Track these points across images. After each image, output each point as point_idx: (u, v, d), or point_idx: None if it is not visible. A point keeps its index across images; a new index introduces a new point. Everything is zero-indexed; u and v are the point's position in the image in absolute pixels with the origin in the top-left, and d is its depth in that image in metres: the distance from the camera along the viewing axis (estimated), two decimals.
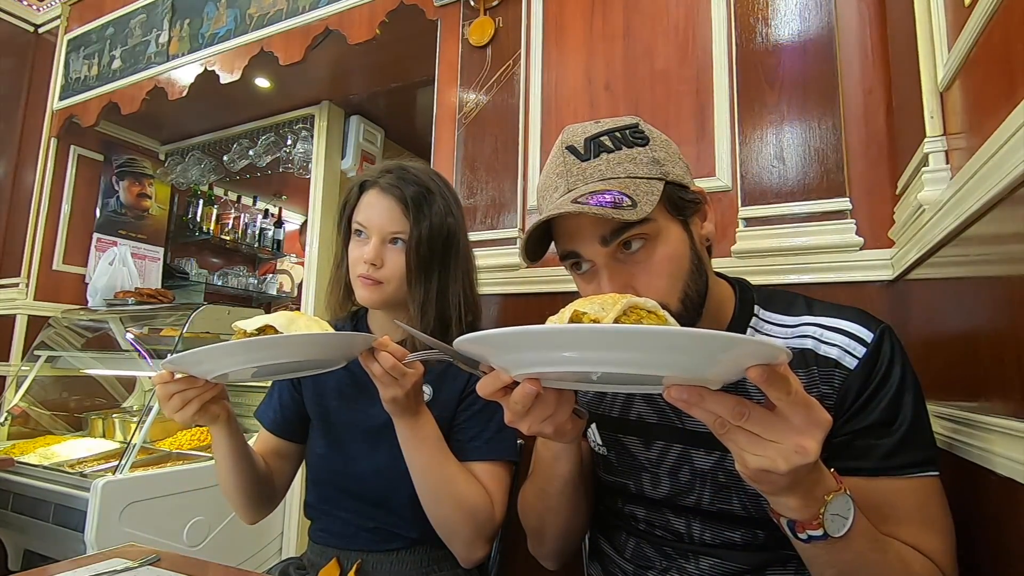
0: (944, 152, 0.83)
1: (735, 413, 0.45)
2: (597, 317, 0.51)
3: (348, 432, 1.02)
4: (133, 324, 2.33)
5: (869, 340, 0.66)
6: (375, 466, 0.98)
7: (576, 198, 0.63)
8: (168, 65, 2.35)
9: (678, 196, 0.68)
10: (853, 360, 0.66)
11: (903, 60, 0.99)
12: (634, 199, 0.62)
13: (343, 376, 1.05)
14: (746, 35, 1.25)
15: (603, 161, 0.67)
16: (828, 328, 0.69)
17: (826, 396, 0.67)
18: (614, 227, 0.65)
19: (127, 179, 2.95)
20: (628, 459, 0.80)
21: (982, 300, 0.69)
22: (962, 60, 0.73)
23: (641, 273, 0.66)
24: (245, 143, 2.83)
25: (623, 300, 0.52)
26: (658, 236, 0.66)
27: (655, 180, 0.66)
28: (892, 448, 0.63)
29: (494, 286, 1.44)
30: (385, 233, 0.97)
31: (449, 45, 1.66)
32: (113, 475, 1.58)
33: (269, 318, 0.73)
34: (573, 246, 0.69)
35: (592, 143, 0.68)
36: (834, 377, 0.67)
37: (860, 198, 1.12)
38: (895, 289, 1.05)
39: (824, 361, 0.68)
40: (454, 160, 1.57)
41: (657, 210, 0.65)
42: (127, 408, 2.45)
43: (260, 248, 3.82)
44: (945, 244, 0.77)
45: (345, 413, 1.03)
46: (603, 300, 0.53)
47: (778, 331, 0.73)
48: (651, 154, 0.67)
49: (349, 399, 1.04)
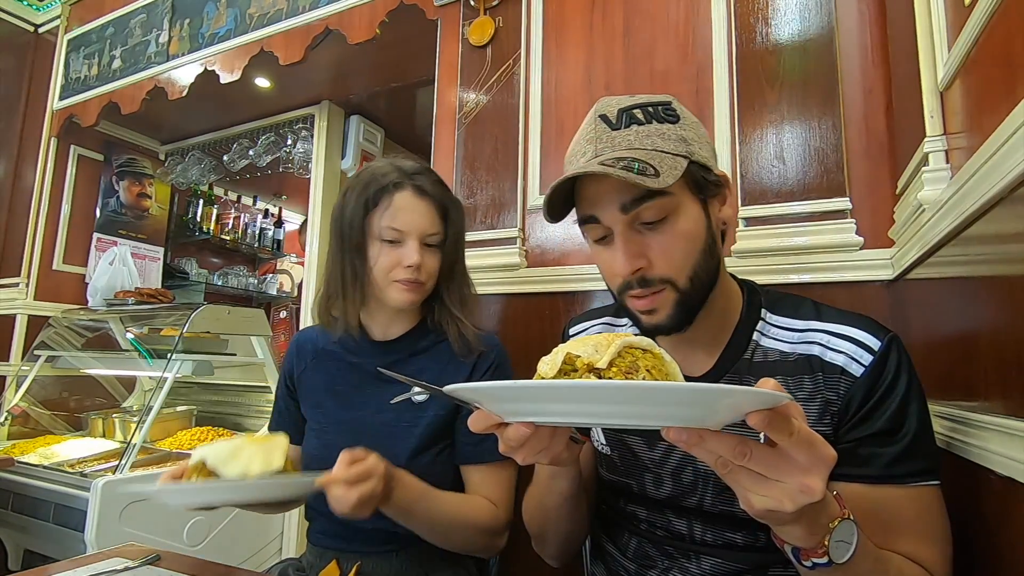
0: (944, 151, 0.83)
1: (737, 453, 0.44)
2: (591, 361, 0.49)
3: (341, 431, 1.01)
4: (133, 324, 2.32)
5: (876, 348, 0.66)
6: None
7: (603, 161, 0.64)
8: (168, 65, 2.35)
9: (701, 176, 0.69)
10: (859, 368, 0.66)
11: (903, 59, 0.99)
12: (658, 170, 0.63)
13: (336, 374, 1.05)
14: (746, 35, 1.25)
15: (632, 132, 0.67)
16: (835, 335, 0.69)
17: (831, 403, 0.67)
18: (635, 195, 0.65)
19: (127, 179, 2.95)
20: (631, 459, 0.80)
21: (983, 300, 0.69)
22: (962, 59, 0.73)
23: (656, 245, 0.67)
24: (245, 143, 2.83)
25: (617, 341, 0.50)
26: (677, 211, 0.67)
27: (680, 157, 0.66)
28: (896, 457, 0.63)
29: (494, 286, 1.44)
30: (424, 235, 0.97)
31: (449, 45, 1.66)
32: (113, 475, 1.58)
33: (205, 453, 0.69)
34: (593, 210, 0.69)
35: (624, 114, 0.69)
36: (840, 384, 0.67)
37: (860, 198, 1.12)
38: (895, 289, 1.05)
39: (830, 368, 0.68)
40: (454, 160, 1.57)
41: (678, 186, 0.66)
42: (127, 408, 2.45)
43: (260, 248, 3.82)
44: (945, 244, 0.77)
45: (338, 411, 1.03)
46: (596, 341, 0.51)
47: (785, 335, 0.73)
48: (680, 132, 0.68)
49: (342, 396, 1.04)
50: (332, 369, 1.07)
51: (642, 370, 0.49)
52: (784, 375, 0.70)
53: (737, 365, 0.73)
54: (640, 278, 0.68)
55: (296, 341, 1.14)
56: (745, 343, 0.74)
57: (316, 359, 1.09)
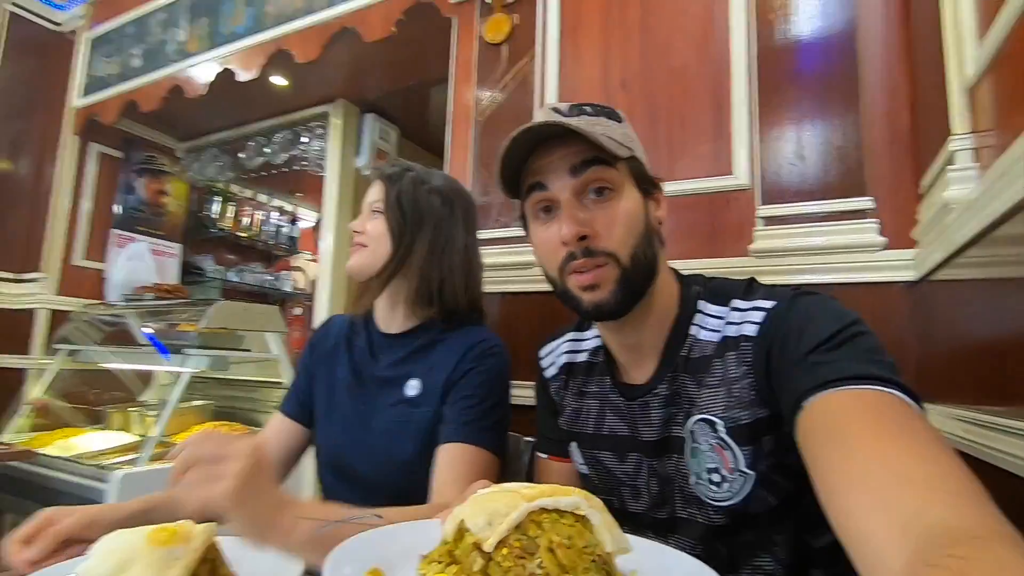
0: (972, 150, 0.81)
1: None
2: (478, 539, 0.42)
3: (347, 426, 1.02)
4: (151, 319, 2.36)
5: (770, 307, 0.65)
6: (377, 458, 0.98)
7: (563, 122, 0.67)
8: (186, 63, 2.37)
9: (641, 171, 0.73)
10: (753, 327, 0.65)
11: (928, 56, 0.96)
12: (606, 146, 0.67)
13: (348, 364, 1.07)
14: (766, 31, 1.23)
15: (583, 119, 0.70)
16: (745, 309, 0.67)
17: (746, 375, 0.65)
18: (585, 157, 0.68)
19: (146, 176, 2.99)
20: (606, 475, 0.80)
21: (1011, 302, 0.67)
22: (994, 54, 0.72)
23: (602, 218, 0.69)
24: (261, 140, 2.85)
25: (521, 507, 0.42)
26: (622, 190, 0.70)
27: (624, 147, 0.70)
28: (839, 361, 0.54)
29: (510, 284, 1.44)
30: (367, 206, 1.06)
31: (465, 43, 1.66)
32: (132, 467, 1.60)
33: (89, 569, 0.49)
34: (541, 177, 0.71)
35: (574, 107, 0.73)
36: (747, 352, 0.65)
37: (882, 197, 1.09)
38: (918, 290, 1.03)
39: (734, 342, 0.67)
40: (469, 158, 1.57)
41: (623, 170, 0.70)
42: (144, 402, 2.48)
43: (275, 245, 3.86)
44: (972, 244, 0.75)
45: (345, 404, 1.04)
46: (496, 507, 0.42)
47: (712, 323, 0.71)
48: (624, 131, 0.73)
49: (352, 391, 1.05)
50: (346, 359, 1.08)
51: (541, 550, 0.41)
52: (711, 364, 0.69)
53: (675, 364, 0.72)
54: (584, 248, 0.68)
55: (326, 321, 1.20)
56: (682, 339, 0.72)
57: (338, 345, 1.11)
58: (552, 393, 0.89)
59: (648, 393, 0.74)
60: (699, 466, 0.68)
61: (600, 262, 0.69)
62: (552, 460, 0.90)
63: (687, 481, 0.70)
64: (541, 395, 0.93)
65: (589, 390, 0.83)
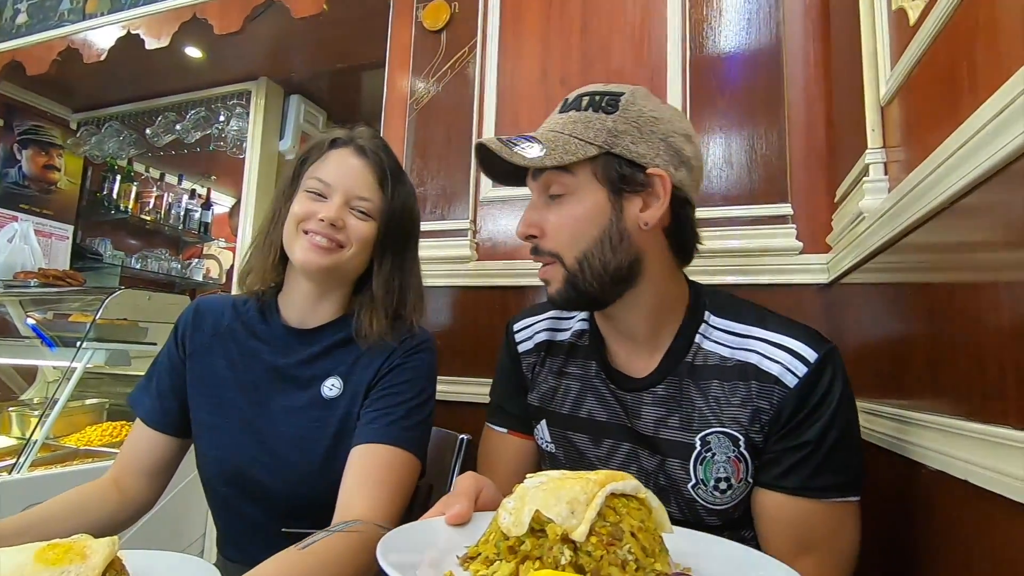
0: (883, 164, 0.88)
1: None
2: (566, 529, 0.40)
3: (246, 432, 0.88)
4: (35, 308, 2.11)
5: (812, 360, 0.67)
6: (284, 468, 0.86)
7: (509, 137, 0.73)
8: (84, 25, 2.14)
9: (615, 169, 0.70)
10: (793, 378, 0.67)
11: (846, 74, 1.04)
12: (550, 151, 0.70)
13: (239, 361, 0.92)
14: (699, 41, 1.28)
15: (567, 116, 0.73)
16: (774, 344, 0.70)
17: (762, 411, 0.68)
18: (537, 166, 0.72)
19: (31, 148, 2.68)
20: (576, 457, 0.80)
21: (915, 305, 0.73)
22: (905, 77, 0.78)
23: (552, 219, 0.73)
24: (172, 116, 2.63)
25: (599, 495, 0.42)
26: (576, 194, 0.71)
27: (593, 145, 0.70)
28: (816, 469, 0.66)
29: (443, 278, 1.41)
30: (351, 196, 0.87)
31: (402, 27, 1.60)
32: (9, 474, 1.42)
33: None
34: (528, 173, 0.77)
35: (578, 99, 0.75)
36: (773, 393, 0.68)
37: (800, 204, 1.17)
38: (830, 292, 1.11)
39: (765, 376, 0.69)
40: (403, 146, 1.52)
41: (584, 172, 0.71)
42: (26, 401, 2.22)
43: (185, 231, 3.58)
44: (882, 251, 0.82)
45: (242, 410, 0.89)
46: (572, 494, 0.42)
47: (725, 339, 0.74)
48: (609, 124, 0.71)
49: (247, 391, 0.90)
50: (234, 353, 0.92)
51: (626, 535, 0.41)
52: (721, 380, 0.71)
53: (679, 368, 0.74)
54: (534, 247, 0.75)
55: (196, 306, 0.98)
56: (688, 345, 0.75)
57: (217, 336, 0.94)
58: (524, 368, 0.88)
59: (645, 389, 0.75)
60: (707, 474, 0.70)
61: (547, 260, 0.74)
62: (512, 435, 0.89)
63: (683, 484, 0.71)
64: (509, 369, 0.91)
65: (569, 371, 0.83)
